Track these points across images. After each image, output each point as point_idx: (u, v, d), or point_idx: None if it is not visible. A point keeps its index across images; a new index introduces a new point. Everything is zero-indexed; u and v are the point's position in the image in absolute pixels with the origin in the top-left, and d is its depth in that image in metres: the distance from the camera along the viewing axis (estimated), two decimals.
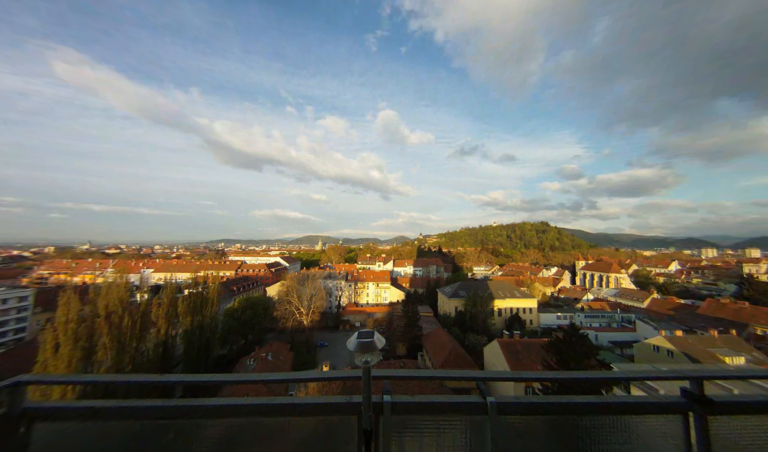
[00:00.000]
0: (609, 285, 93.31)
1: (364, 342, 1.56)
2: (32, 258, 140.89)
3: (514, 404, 1.55)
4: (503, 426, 1.52)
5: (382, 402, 1.49)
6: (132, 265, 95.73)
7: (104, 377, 1.75)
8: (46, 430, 1.51)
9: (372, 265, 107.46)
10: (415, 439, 1.54)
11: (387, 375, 1.67)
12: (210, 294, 37.01)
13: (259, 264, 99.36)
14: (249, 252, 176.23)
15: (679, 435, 1.55)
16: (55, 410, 1.52)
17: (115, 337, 25.79)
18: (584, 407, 1.58)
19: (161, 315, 31.49)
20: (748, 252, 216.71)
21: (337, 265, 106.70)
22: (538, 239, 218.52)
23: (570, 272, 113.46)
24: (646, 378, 1.74)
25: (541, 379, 2.64)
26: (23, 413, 1.48)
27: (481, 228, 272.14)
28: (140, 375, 1.65)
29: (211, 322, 36.32)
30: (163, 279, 71.42)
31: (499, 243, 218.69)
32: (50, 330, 23.24)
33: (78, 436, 1.53)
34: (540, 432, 1.60)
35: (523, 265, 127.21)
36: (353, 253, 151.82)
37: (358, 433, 1.49)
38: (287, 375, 1.67)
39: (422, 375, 1.74)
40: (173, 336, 32.71)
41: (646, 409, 1.59)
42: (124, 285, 28.48)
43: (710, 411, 1.53)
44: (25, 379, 1.51)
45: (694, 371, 1.60)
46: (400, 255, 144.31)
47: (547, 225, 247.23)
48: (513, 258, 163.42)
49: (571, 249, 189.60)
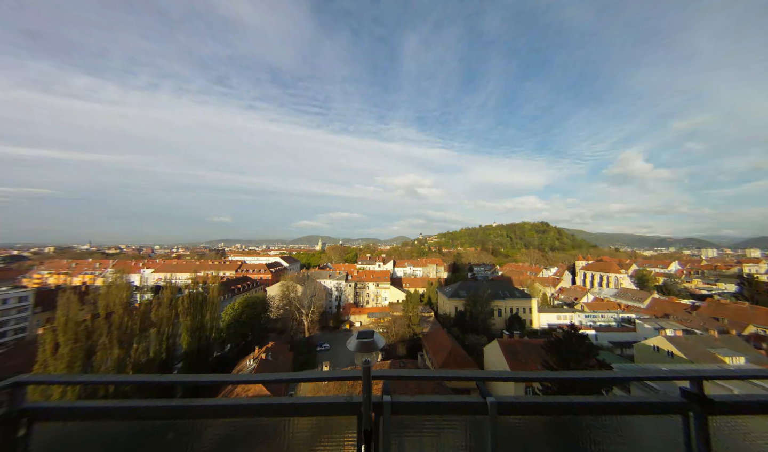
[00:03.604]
0: (609, 286, 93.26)
1: (364, 342, 1.56)
2: (32, 258, 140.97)
3: (514, 404, 1.54)
4: (503, 426, 1.52)
5: (382, 402, 1.49)
6: (132, 265, 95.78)
7: (104, 377, 1.74)
8: (46, 430, 1.51)
9: (372, 265, 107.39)
10: (415, 439, 1.54)
11: (387, 375, 1.66)
12: (210, 294, 37.01)
13: (259, 265, 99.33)
14: (249, 253, 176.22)
15: (679, 435, 1.55)
16: (55, 410, 1.52)
17: (115, 337, 25.77)
18: (584, 407, 1.57)
19: (161, 316, 31.48)
20: (748, 252, 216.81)
21: (337, 265, 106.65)
22: (538, 239, 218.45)
23: (570, 272, 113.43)
24: (646, 378, 1.74)
25: (541, 379, 2.64)
26: (23, 413, 1.47)
27: (481, 228, 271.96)
28: (140, 375, 1.64)
29: (211, 322, 36.30)
30: (163, 280, 71.51)
31: (499, 243, 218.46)
32: (50, 330, 23.23)
33: (78, 436, 1.52)
34: (540, 432, 1.60)
35: (523, 265, 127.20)
36: (353, 253, 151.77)
37: (358, 433, 1.49)
38: (287, 375, 1.67)
39: (422, 375, 1.73)
40: (173, 336, 32.71)
41: (646, 409, 1.58)
42: (124, 286, 28.50)
43: (710, 411, 1.52)
44: (25, 379, 1.51)
45: (694, 371, 1.60)
46: (400, 255, 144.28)
47: (547, 225, 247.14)
48: (513, 258, 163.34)
49: (571, 250, 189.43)
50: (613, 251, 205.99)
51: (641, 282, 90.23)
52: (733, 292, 69.40)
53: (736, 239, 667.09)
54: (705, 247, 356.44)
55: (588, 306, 65.90)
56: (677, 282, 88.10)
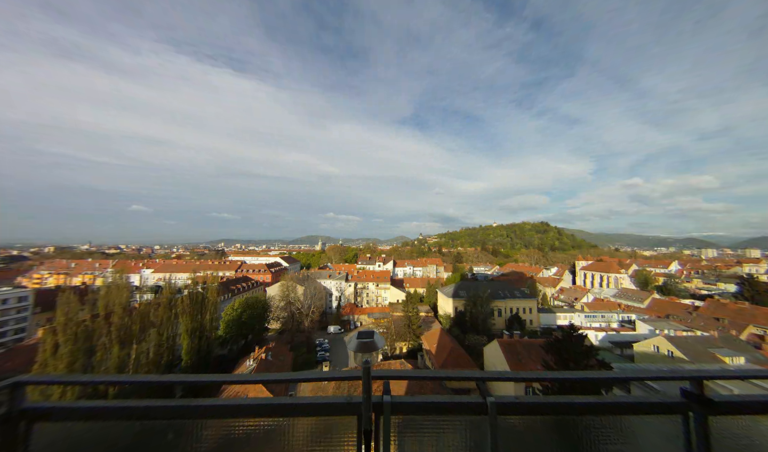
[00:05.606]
0: (609, 286, 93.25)
1: (364, 342, 1.56)
2: (32, 258, 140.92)
3: (514, 404, 1.54)
4: (503, 426, 1.52)
5: (382, 402, 1.49)
6: (132, 266, 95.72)
7: (104, 377, 1.74)
8: (46, 430, 1.51)
9: (372, 265, 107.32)
10: (415, 439, 1.53)
11: (387, 375, 1.66)
12: (210, 294, 37.00)
13: (259, 265, 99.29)
14: (249, 253, 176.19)
15: (679, 435, 1.55)
16: (55, 410, 1.52)
17: (115, 337, 25.77)
18: (584, 407, 1.57)
19: (161, 316, 31.48)
20: (748, 252, 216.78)
21: (336, 265, 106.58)
22: (539, 239, 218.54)
23: (570, 272, 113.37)
24: (646, 378, 1.73)
25: (541, 379, 2.63)
26: (23, 413, 1.47)
27: (481, 228, 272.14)
28: (140, 375, 1.64)
29: (211, 322, 36.31)
30: (162, 280, 71.51)
31: (499, 243, 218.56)
32: (49, 330, 23.23)
33: (78, 436, 1.52)
34: (540, 432, 1.60)
35: (523, 265, 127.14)
36: (353, 254, 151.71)
37: (358, 433, 1.48)
38: (287, 375, 1.67)
39: (422, 375, 1.73)
40: (173, 336, 32.70)
41: (646, 409, 1.58)
42: (123, 286, 28.50)
43: (710, 411, 1.52)
44: (25, 379, 1.51)
45: (694, 371, 1.60)
46: (400, 255, 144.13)
47: (548, 225, 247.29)
48: (513, 258, 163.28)
49: (571, 250, 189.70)
50: (613, 251, 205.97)
51: (641, 282, 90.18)
52: (733, 292, 69.31)
53: (736, 239, 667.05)
54: (705, 247, 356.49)
55: (588, 306, 65.89)
56: (677, 282, 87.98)
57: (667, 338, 33.59)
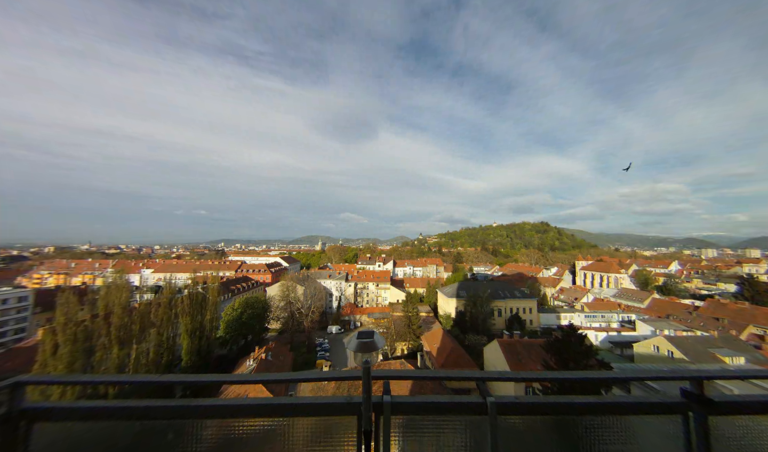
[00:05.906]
0: (609, 286, 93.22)
1: (364, 342, 1.56)
2: (32, 258, 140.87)
3: (514, 404, 1.54)
4: (503, 426, 1.52)
5: (382, 402, 1.49)
6: (132, 266, 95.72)
7: (104, 377, 1.74)
8: (46, 430, 1.51)
9: (372, 265, 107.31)
10: (415, 439, 1.54)
11: (387, 375, 1.66)
12: (210, 294, 37.00)
13: (259, 265, 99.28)
14: (249, 253, 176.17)
15: (679, 435, 1.55)
16: (55, 410, 1.52)
17: (114, 338, 25.77)
18: (584, 407, 1.57)
19: (161, 316, 31.47)
20: (748, 252, 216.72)
21: (336, 265, 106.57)
22: (539, 239, 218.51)
23: (570, 272, 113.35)
24: (646, 378, 1.74)
25: (541, 379, 2.63)
26: (23, 413, 1.47)
27: (481, 228, 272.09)
28: (140, 375, 1.64)
29: (211, 322, 36.31)
30: (163, 280, 71.47)
31: (499, 243, 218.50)
32: (49, 330, 23.23)
33: (77, 436, 1.52)
34: (540, 432, 1.60)
35: (523, 265, 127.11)
36: (353, 254, 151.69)
37: (358, 433, 1.48)
38: (287, 375, 1.67)
39: (422, 375, 1.73)
40: (173, 336, 32.70)
41: (646, 409, 1.58)
42: (123, 286, 28.50)
43: (710, 411, 1.52)
44: (25, 379, 1.51)
45: (694, 371, 1.60)
46: (400, 255, 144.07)
47: (548, 225, 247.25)
48: (513, 258, 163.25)
49: (571, 250, 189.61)
50: (613, 251, 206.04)
51: (641, 282, 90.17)
52: (733, 292, 69.28)
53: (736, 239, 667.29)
54: (705, 247, 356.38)
55: (588, 306, 65.87)
56: (677, 282, 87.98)
57: (667, 338, 33.59)
